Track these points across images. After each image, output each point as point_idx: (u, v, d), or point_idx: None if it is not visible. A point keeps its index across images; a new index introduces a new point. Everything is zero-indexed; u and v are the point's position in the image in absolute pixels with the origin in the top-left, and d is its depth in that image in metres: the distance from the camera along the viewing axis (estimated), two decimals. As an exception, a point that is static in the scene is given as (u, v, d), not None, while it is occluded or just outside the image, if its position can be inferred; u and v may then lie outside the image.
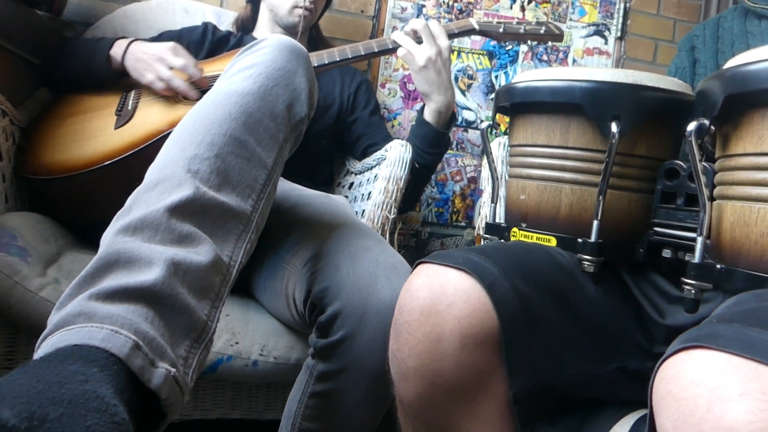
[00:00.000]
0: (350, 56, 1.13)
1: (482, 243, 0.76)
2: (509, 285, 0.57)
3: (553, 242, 0.65)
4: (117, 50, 1.07)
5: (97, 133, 1.02)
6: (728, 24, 1.00)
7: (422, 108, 1.17)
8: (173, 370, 0.46)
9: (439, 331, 0.57)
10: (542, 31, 1.19)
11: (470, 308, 0.56)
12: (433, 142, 1.15)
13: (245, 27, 1.38)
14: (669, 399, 0.37)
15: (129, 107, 1.06)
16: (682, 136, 0.53)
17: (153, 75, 1.02)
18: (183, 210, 0.55)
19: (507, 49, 1.72)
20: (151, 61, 1.03)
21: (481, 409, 0.60)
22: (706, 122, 0.52)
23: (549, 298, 0.59)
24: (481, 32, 1.19)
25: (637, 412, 0.61)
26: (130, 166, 0.94)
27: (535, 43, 1.19)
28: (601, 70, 0.65)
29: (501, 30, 1.17)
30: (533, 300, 0.58)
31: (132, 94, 1.09)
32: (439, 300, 0.57)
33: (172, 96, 1.04)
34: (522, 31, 1.17)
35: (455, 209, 1.72)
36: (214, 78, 1.08)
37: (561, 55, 1.76)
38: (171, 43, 1.05)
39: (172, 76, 1.01)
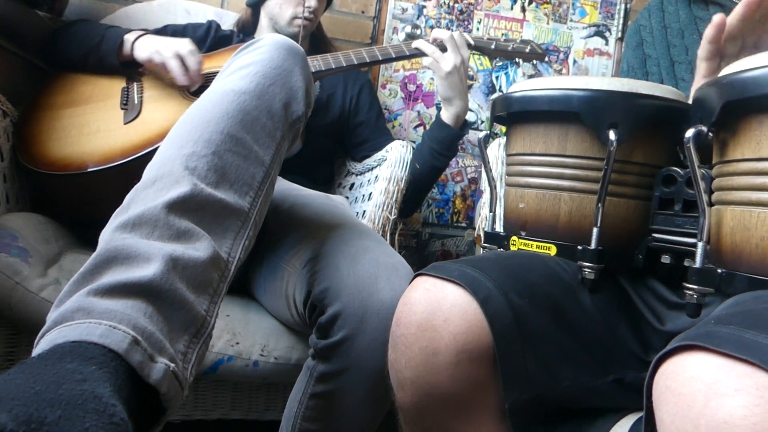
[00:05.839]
0: (368, 60, 1.17)
1: (482, 251, 0.76)
2: (503, 299, 0.57)
3: (553, 250, 0.65)
4: (129, 36, 1.10)
5: (106, 127, 1.02)
6: (673, 8, 0.96)
7: (438, 113, 1.23)
8: (172, 365, 0.46)
9: (435, 346, 0.57)
10: (527, 50, 1.26)
11: (466, 324, 0.56)
12: (449, 145, 1.21)
13: (246, 30, 1.39)
14: (668, 394, 0.38)
15: (135, 101, 1.06)
16: (677, 143, 0.53)
17: (154, 49, 1.05)
18: (181, 206, 0.55)
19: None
20: (160, 42, 1.07)
21: (477, 418, 0.60)
22: (704, 128, 0.52)
23: (544, 311, 0.59)
24: (476, 48, 1.24)
25: (633, 414, 0.61)
26: (146, 163, 0.96)
27: (520, 60, 1.28)
28: (597, 79, 0.66)
29: (492, 47, 1.24)
30: (528, 314, 0.58)
31: (135, 86, 1.09)
32: (435, 315, 0.58)
33: (176, 90, 1.06)
34: (510, 48, 1.25)
35: (456, 210, 1.72)
36: (211, 75, 1.09)
37: (561, 56, 1.76)
38: (186, 39, 1.08)
39: (172, 55, 1.04)
